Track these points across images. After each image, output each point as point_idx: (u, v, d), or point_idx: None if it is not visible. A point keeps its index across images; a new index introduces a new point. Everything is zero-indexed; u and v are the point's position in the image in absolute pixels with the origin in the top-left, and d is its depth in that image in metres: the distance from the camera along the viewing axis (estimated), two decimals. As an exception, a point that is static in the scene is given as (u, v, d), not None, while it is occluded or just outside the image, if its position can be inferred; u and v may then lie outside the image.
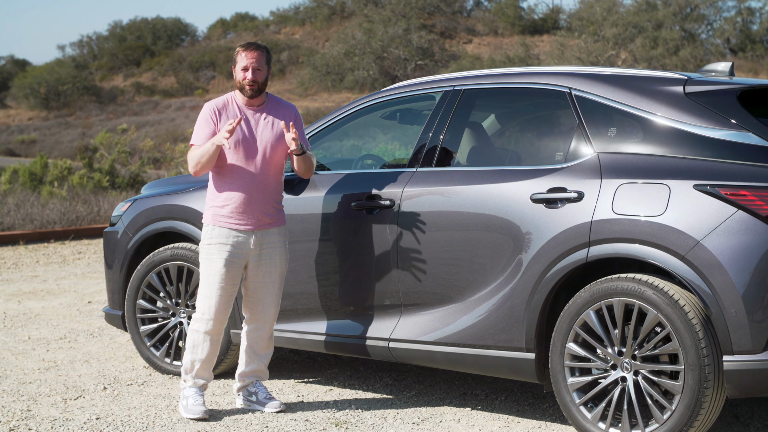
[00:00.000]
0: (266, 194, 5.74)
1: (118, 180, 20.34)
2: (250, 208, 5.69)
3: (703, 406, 4.81)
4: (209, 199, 5.78)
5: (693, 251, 4.81)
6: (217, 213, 5.71)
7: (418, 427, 5.53)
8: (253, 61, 5.70)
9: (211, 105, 5.82)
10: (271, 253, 5.76)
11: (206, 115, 5.78)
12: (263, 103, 5.80)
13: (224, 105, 5.77)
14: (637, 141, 5.22)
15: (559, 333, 5.18)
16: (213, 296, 5.68)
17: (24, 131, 51.12)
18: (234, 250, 5.67)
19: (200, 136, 5.73)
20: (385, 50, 52.67)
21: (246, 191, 5.68)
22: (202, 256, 5.74)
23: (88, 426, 5.55)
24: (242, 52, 5.73)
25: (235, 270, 5.70)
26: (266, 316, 5.82)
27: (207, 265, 5.71)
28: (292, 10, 69.61)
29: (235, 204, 5.68)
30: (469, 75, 6.02)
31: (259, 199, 5.71)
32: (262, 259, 5.75)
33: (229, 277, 5.68)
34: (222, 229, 5.68)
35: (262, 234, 5.74)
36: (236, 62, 5.75)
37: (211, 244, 5.69)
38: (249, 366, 5.86)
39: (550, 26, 59.95)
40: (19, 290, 10.20)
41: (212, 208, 5.74)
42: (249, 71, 5.69)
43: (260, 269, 5.76)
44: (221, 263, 5.66)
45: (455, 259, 5.56)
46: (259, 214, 5.71)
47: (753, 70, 46.60)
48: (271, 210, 5.77)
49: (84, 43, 73.28)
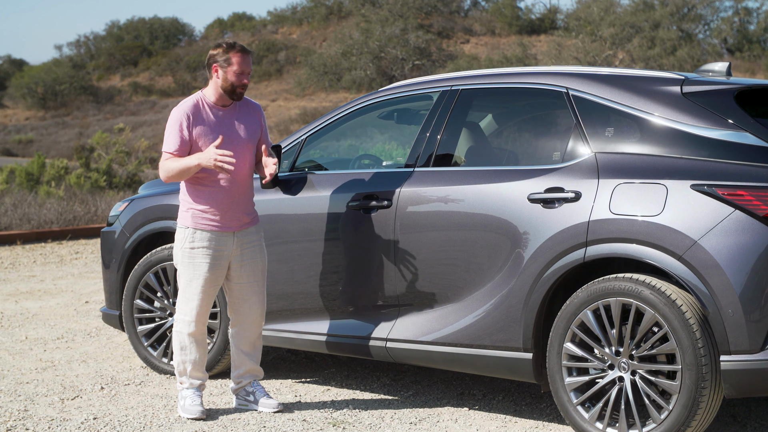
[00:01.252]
0: (245, 194, 5.72)
1: (116, 180, 20.33)
2: (232, 209, 5.65)
3: (701, 405, 4.81)
4: (187, 201, 5.68)
5: (690, 251, 4.81)
6: (198, 215, 5.63)
7: (415, 426, 5.53)
8: (248, 67, 5.63)
9: (182, 109, 5.62)
10: (252, 253, 5.74)
11: (178, 121, 5.59)
12: (232, 102, 5.74)
13: (195, 108, 5.62)
14: (635, 141, 5.22)
15: (557, 333, 5.18)
16: (195, 299, 5.65)
17: (21, 131, 51.08)
18: (218, 253, 5.64)
19: (173, 143, 5.56)
20: (382, 50, 52.66)
21: (227, 192, 5.63)
22: (183, 260, 5.65)
23: (85, 426, 5.54)
24: (238, 55, 5.60)
25: (220, 273, 5.68)
26: (252, 316, 5.79)
27: (190, 269, 5.64)
28: (289, 10, 69.59)
29: (218, 206, 5.62)
30: (466, 75, 6.02)
31: (239, 198, 5.68)
32: (244, 259, 5.72)
33: (213, 280, 5.66)
34: (204, 232, 5.63)
35: (243, 234, 5.71)
36: (229, 63, 5.58)
37: (195, 248, 5.62)
38: (241, 367, 5.86)
39: (548, 26, 59.95)
40: (17, 290, 10.20)
41: (191, 210, 5.65)
42: (245, 77, 5.62)
43: (243, 270, 5.73)
44: (206, 267, 5.62)
45: (453, 259, 5.56)
46: (240, 215, 5.69)
47: (750, 70, 46.64)
48: (250, 209, 5.76)
49: (81, 42, 73.24)
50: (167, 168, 5.58)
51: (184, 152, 5.58)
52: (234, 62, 5.60)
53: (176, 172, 5.55)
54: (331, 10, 65.07)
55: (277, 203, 6.18)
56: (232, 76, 5.60)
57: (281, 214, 6.17)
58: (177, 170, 5.54)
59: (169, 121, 5.64)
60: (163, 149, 5.63)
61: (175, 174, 5.56)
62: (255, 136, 5.76)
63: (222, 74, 5.61)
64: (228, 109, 5.70)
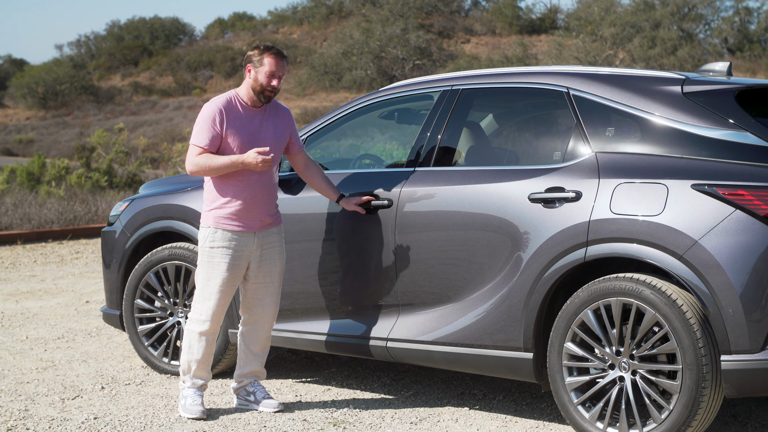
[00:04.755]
0: (269, 195, 5.74)
1: (116, 180, 20.33)
2: (255, 210, 5.67)
3: (701, 405, 4.81)
4: (209, 200, 5.72)
5: (691, 251, 4.81)
6: (220, 215, 5.66)
7: (416, 426, 5.53)
8: (281, 71, 5.67)
9: (215, 105, 5.67)
10: (271, 253, 5.76)
11: (211, 116, 5.63)
12: (262, 104, 5.80)
13: (228, 105, 5.67)
14: (635, 141, 5.22)
15: (557, 333, 5.18)
16: (212, 299, 5.67)
17: (22, 131, 51.07)
18: (238, 253, 5.65)
19: (204, 138, 5.60)
20: (383, 50, 52.66)
21: (251, 193, 5.65)
22: (203, 259, 5.69)
23: (85, 426, 5.54)
24: (270, 57, 5.64)
25: (238, 273, 5.69)
26: (265, 316, 5.81)
27: (209, 268, 5.66)
28: (290, 9, 69.58)
29: (240, 206, 5.64)
30: (466, 75, 6.02)
31: (263, 199, 5.70)
32: (263, 259, 5.74)
33: (232, 280, 5.67)
34: (225, 232, 5.64)
35: (264, 234, 5.73)
36: (261, 64, 5.63)
37: (214, 248, 5.64)
38: (246, 367, 5.86)
39: (548, 26, 59.95)
40: (17, 290, 10.20)
41: (214, 210, 5.68)
42: (275, 79, 5.65)
43: (261, 270, 5.75)
44: (225, 267, 5.64)
45: (453, 259, 5.56)
46: (262, 215, 5.70)
47: (751, 69, 46.63)
48: (273, 210, 5.78)
49: (82, 42, 73.25)
50: (199, 163, 5.59)
51: (215, 147, 5.61)
52: (266, 63, 5.64)
53: (211, 168, 5.57)
54: (331, 9, 65.07)
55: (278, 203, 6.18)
56: (263, 76, 5.64)
57: (281, 214, 6.16)
58: (213, 167, 5.56)
59: (201, 115, 5.67)
60: (193, 142, 5.64)
61: (208, 170, 5.58)
62: (282, 139, 5.78)
63: (254, 74, 5.67)
64: (258, 110, 5.74)
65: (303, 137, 6.34)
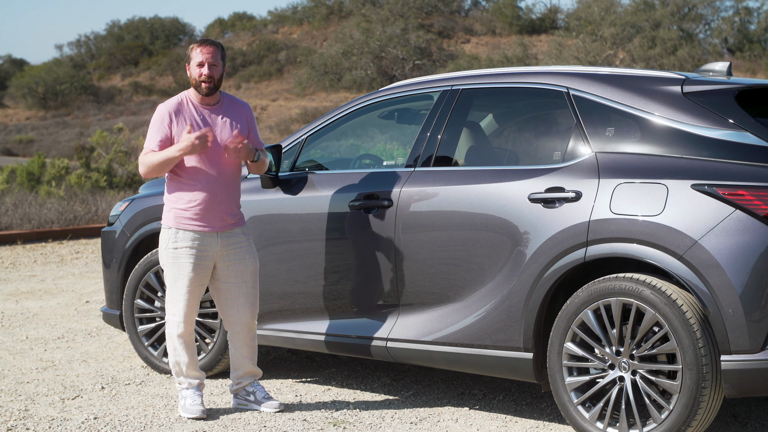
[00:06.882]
0: (230, 194, 5.70)
1: (116, 179, 20.33)
2: (216, 209, 5.63)
3: (701, 405, 4.81)
4: (170, 201, 5.68)
5: (691, 251, 4.81)
6: (181, 215, 5.62)
7: (416, 426, 5.53)
8: (208, 56, 5.61)
9: (165, 107, 5.65)
10: (239, 253, 5.72)
11: (160, 118, 5.62)
12: (218, 102, 5.73)
13: (179, 106, 5.64)
14: (635, 141, 5.22)
15: (557, 333, 5.18)
16: (182, 299, 5.65)
17: (22, 131, 51.09)
18: (202, 253, 5.63)
19: (154, 140, 5.60)
20: (383, 50, 52.66)
21: (211, 192, 5.62)
22: (168, 261, 5.66)
23: (85, 426, 5.54)
24: (197, 48, 5.63)
25: (204, 272, 5.67)
26: (242, 318, 5.75)
27: (175, 269, 5.63)
28: (290, 9, 69.57)
29: (201, 206, 5.61)
30: (466, 75, 6.02)
31: (223, 199, 5.66)
32: (230, 259, 5.70)
33: (199, 279, 5.65)
34: (186, 232, 5.62)
35: (227, 235, 5.69)
36: (191, 59, 5.63)
37: (179, 248, 5.61)
38: (240, 368, 5.85)
39: (548, 26, 59.94)
40: (17, 290, 10.20)
41: (174, 210, 5.64)
42: (205, 66, 5.60)
43: (231, 270, 5.71)
44: (190, 267, 5.61)
45: (453, 259, 5.56)
46: (223, 215, 5.67)
47: (751, 69, 46.63)
48: (235, 209, 5.74)
49: (82, 42, 73.25)
50: (145, 162, 5.60)
51: (165, 149, 5.60)
52: (193, 55, 5.65)
53: (156, 164, 5.55)
54: (331, 9, 65.06)
55: (278, 203, 6.19)
56: (194, 68, 5.64)
57: (282, 214, 6.17)
58: (157, 162, 5.55)
59: (153, 118, 5.68)
60: (145, 145, 5.67)
61: (155, 166, 5.56)
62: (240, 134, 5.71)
63: (189, 71, 5.67)
64: (213, 108, 5.70)
65: (303, 137, 6.34)
